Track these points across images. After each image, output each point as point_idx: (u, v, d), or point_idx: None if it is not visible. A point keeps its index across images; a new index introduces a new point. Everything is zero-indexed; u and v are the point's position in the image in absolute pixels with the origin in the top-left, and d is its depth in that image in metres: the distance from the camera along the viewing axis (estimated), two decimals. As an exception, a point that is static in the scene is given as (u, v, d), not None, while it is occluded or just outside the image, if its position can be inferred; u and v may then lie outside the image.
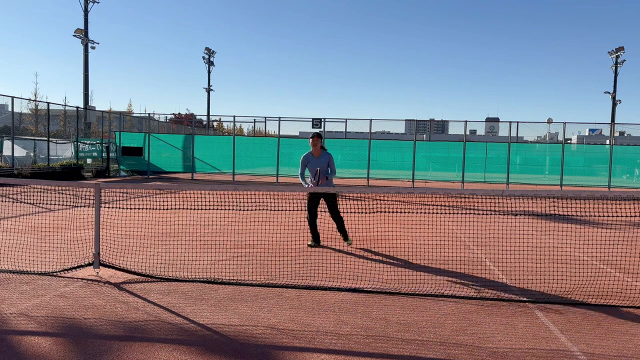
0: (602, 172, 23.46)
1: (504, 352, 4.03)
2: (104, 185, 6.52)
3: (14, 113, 22.95)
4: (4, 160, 21.36)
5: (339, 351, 3.98)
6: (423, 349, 4.05)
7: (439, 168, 24.28)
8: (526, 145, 27.75)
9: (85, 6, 33.42)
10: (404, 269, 6.70)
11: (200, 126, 51.52)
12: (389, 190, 6.71)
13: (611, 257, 7.57)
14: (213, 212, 7.37)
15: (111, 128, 29.84)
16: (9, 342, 4.04)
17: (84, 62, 33.46)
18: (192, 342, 4.12)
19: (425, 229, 7.86)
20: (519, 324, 4.68)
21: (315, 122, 25.35)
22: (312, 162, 8.18)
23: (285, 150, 24.37)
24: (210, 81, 50.25)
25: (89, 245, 7.12)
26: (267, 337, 4.23)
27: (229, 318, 4.68)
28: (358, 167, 23.74)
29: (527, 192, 6.24)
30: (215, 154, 25.42)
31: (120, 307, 4.92)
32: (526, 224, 10.86)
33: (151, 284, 5.72)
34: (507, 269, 6.77)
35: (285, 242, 7.88)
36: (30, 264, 6.41)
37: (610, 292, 5.68)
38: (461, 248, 8.18)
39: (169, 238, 8.37)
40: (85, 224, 8.88)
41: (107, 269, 6.14)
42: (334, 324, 4.56)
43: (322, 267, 6.52)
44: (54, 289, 5.45)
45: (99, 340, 4.10)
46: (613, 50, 41.63)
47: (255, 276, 6.15)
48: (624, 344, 4.23)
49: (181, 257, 7.05)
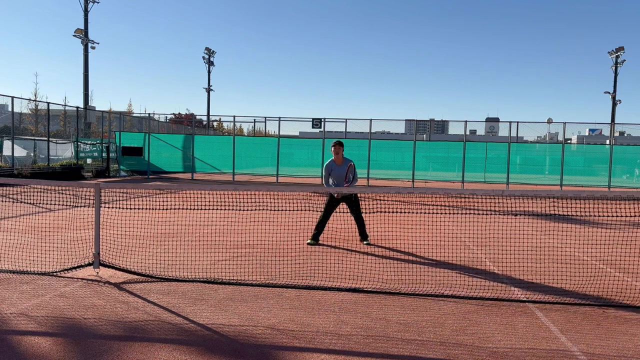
0: (602, 172, 23.46)
1: (504, 352, 4.03)
2: (104, 185, 6.52)
3: (14, 113, 22.96)
4: (4, 160, 21.36)
5: (339, 351, 3.98)
6: (423, 349, 4.05)
7: (439, 168, 24.28)
8: (526, 145, 27.75)
9: (85, 6, 33.42)
10: (404, 269, 6.70)
11: (200, 126, 51.52)
12: (389, 190, 6.72)
13: (611, 257, 7.57)
14: (213, 212, 7.36)
15: (111, 128, 29.84)
16: (9, 342, 4.04)
17: (84, 62, 33.46)
18: (192, 342, 4.12)
19: (425, 229, 7.86)
20: (519, 324, 4.68)
21: (315, 122, 25.33)
22: (335, 170, 8.24)
23: (285, 150, 24.38)
24: (210, 81, 50.26)
25: (89, 245, 7.12)
26: (267, 337, 4.23)
27: (229, 318, 4.68)
28: (358, 167, 23.51)
29: (527, 192, 6.24)
30: (215, 154, 25.42)
31: (120, 307, 4.92)
32: (526, 224, 10.86)
33: (151, 284, 5.72)
34: (507, 269, 6.77)
35: (285, 242, 7.88)
36: (30, 264, 6.41)
37: (610, 292, 5.68)
38: (461, 248, 8.18)
39: (169, 238, 8.37)
40: (85, 224, 8.88)
41: (107, 269, 6.14)
42: (334, 324, 4.56)
43: (322, 267, 6.52)
44: (54, 289, 5.45)
45: (99, 340, 4.10)
46: (613, 50, 41.63)
47: (255, 276, 6.15)
48: (624, 344, 4.23)
49: (181, 257, 7.05)
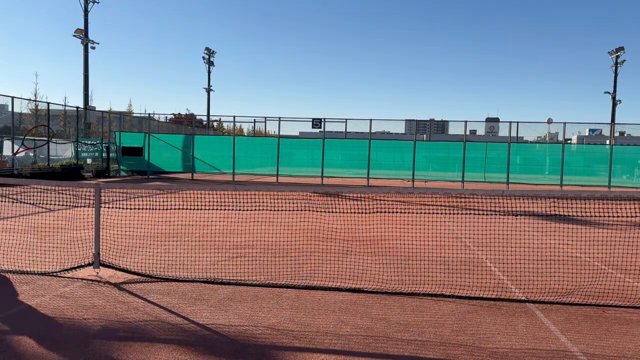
0: (602, 172, 23.46)
1: (504, 352, 4.02)
2: (104, 185, 6.52)
3: (14, 113, 22.96)
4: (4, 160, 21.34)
5: (339, 351, 3.98)
6: (423, 349, 4.05)
7: (439, 168, 24.27)
8: (526, 145, 27.75)
9: (85, 6, 33.41)
10: (404, 269, 6.70)
11: (200, 126, 51.47)
12: (389, 190, 6.72)
13: (611, 257, 7.57)
14: (213, 212, 7.36)
15: (111, 128, 29.81)
16: (9, 342, 4.03)
17: (84, 62, 33.43)
18: (192, 342, 4.11)
19: (425, 229, 7.86)
20: (519, 324, 4.68)
21: (315, 122, 25.33)
22: None
23: (285, 151, 24.37)
24: (210, 81, 50.22)
25: (89, 245, 7.12)
26: (267, 337, 4.23)
27: (228, 318, 4.68)
28: (358, 167, 23.74)
29: (527, 192, 6.24)
30: (215, 154, 25.41)
31: (120, 307, 4.92)
32: (526, 224, 10.85)
33: (151, 284, 5.72)
34: (507, 269, 6.77)
35: (285, 242, 7.88)
36: (30, 264, 6.41)
37: (610, 292, 5.68)
38: (461, 248, 8.18)
39: (169, 238, 8.37)
40: (85, 224, 8.88)
41: (107, 269, 6.14)
42: (334, 324, 4.56)
43: (322, 267, 6.52)
44: (54, 289, 5.45)
45: (99, 340, 4.10)
46: (613, 50, 41.60)
47: (255, 276, 6.15)
48: (624, 344, 4.23)
49: (181, 257, 7.05)
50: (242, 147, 25.07)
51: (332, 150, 24.18)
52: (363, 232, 8.82)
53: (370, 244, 8.32)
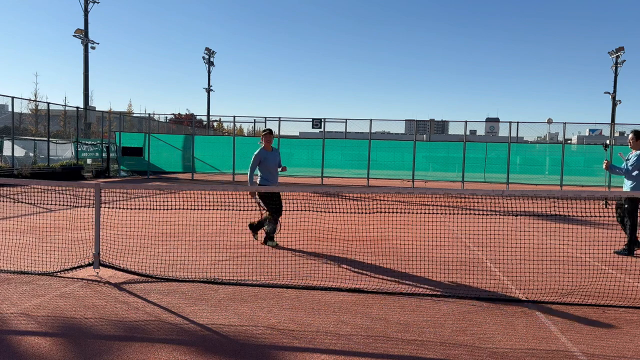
0: (602, 172, 23.40)
1: (504, 352, 4.03)
2: (104, 185, 6.52)
3: (14, 113, 22.96)
4: (4, 161, 21.36)
5: (339, 351, 3.98)
6: (423, 349, 4.05)
7: (439, 168, 24.27)
8: (526, 146, 27.73)
9: (85, 6, 33.44)
10: (404, 269, 6.70)
11: (200, 126, 51.48)
12: (389, 190, 6.72)
13: (611, 257, 7.57)
14: (213, 212, 7.36)
15: (111, 128, 29.82)
16: (9, 342, 4.04)
17: (84, 62, 33.48)
18: (192, 342, 4.12)
19: (425, 229, 7.86)
20: (519, 324, 4.68)
21: (315, 122, 25.32)
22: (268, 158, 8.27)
23: (285, 151, 24.35)
24: (210, 81, 50.30)
25: (89, 245, 7.12)
26: (267, 338, 4.23)
27: (228, 318, 4.68)
28: (358, 167, 23.74)
29: (527, 192, 6.24)
30: (215, 154, 25.40)
31: (120, 307, 4.92)
32: (526, 224, 10.86)
33: (151, 284, 5.72)
34: (507, 269, 6.77)
35: (285, 242, 7.88)
36: (31, 264, 6.41)
37: (611, 292, 5.68)
38: (461, 248, 8.18)
39: (169, 238, 8.37)
40: (85, 224, 8.88)
41: (107, 269, 6.14)
42: (334, 324, 4.56)
43: (322, 267, 6.52)
44: (54, 289, 5.45)
45: (99, 340, 4.10)
46: (613, 50, 41.65)
47: (255, 276, 6.15)
48: (624, 344, 4.23)
49: (181, 257, 7.05)
50: (242, 147, 25.07)
51: (332, 150, 24.18)
52: (363, 232, 8.82)
53: (370, 244, 8.32)
